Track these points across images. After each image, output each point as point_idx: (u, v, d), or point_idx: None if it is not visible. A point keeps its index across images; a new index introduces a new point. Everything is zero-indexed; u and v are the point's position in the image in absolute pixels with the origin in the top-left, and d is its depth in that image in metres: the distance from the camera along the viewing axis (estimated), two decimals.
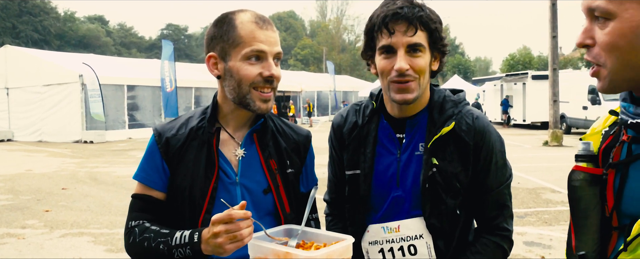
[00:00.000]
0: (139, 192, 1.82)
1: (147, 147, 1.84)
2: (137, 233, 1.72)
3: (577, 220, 1.36)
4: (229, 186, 1.79)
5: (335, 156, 2.06)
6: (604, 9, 1.19)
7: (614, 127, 1.41)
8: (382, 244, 1.91)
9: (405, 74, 1.76)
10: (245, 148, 1.84)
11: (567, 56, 56.32)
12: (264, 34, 1.73)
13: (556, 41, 19.87)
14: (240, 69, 1.72)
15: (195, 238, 1.60)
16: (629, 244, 1.21)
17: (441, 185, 1.82)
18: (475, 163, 1.85)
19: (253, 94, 1.75)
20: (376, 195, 1.92)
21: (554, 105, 20.04)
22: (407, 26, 1.75)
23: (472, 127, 1.85)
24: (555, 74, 19.90)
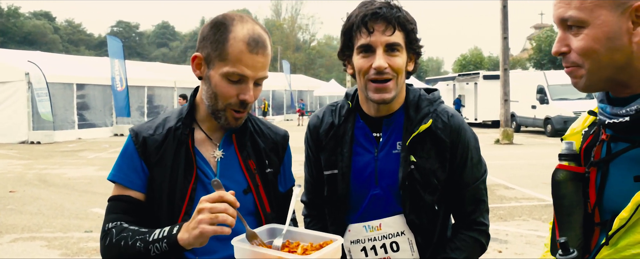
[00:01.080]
0: (117, 194, 1.76)
1: (124, 147, 1.80)
2: (113, 234, 1.66)
3: (561, 217, 1.40)
4: (209, 187, 1.75)
5: (312, 157, 2.07)
6: (576, 18, 1.27)
7: (593, 127, 1.47)
8: (364, 243, 1.93)
9: (383, 72, 1.79)
10: (224, 149, 1.81)
11: (516, 57, 57.95)
12: (252, 59, 1.67)
13: (507, 42, 20.41)
14: (218, 85, 1.69)
15: (174, 230, 1.55)
16: (611, 238, 1.28)
17: (419, 182, 1.86)
18: (452, 160, 1.89)
19: (227, 112, 1.72)
20: (355, 194, 1.94)
21: (505, 105, 20.58)
22: (385, 26, 1.79)
23: (448, 124, 1.89)
24: (506, 74, 20.44)
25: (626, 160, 1.31)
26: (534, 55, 45.59)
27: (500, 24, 20.37)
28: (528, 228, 7.30)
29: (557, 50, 1.35)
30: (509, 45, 20.84)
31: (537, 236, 6.93)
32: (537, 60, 44.57)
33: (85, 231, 7.55)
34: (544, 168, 13.03)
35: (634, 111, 1.27)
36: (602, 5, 1.25)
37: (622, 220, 1.25)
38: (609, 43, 1.25)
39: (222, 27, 1.68)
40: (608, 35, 1.25)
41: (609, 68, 1.28)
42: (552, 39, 43.37)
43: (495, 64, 52.76)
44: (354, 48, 1.86)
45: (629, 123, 1.28)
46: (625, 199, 1.25)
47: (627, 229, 1.25)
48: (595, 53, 1.27)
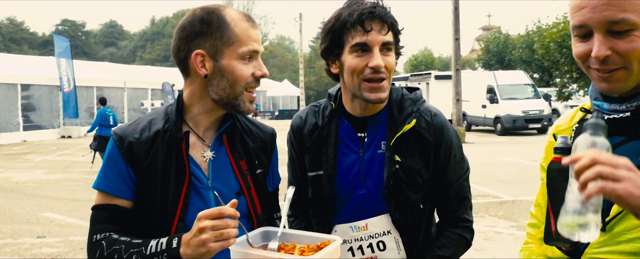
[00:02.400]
0: (102, 202, 1.67)
1: (107, 153, 1.70)
2: (104, 246, 1.57)
3: (556, 207, 1.43)
4: (202, 191, 1.70)
5: (296, 158, 2.06)
6: (630, 21, 1.26)
7: (583, 123, 1.50)
8: (351, 243, 1.93)
9: (379, 71, 1.79)
10: (215, 150, 1.76)
11: (465, 57, 59.25)
12: (255, 32, 1.68)
13: (458, 43, 20.84)
14: (236, 69, 1.65)
15: (173, 243, 1.50)
16: (607, 224, 1.35)
17: (404, 181, 1.87)
18: (435, 158, 1.91)
19: (245, 95, 1.69)
20: (341, 195, 1.93)
21: (457, 104, 21.01)
22: (381, 25, 1.80)
23: (432, 124, 1.91)
24: (458, 74, 20.88)
25: (622, 153, 1.34)
26: (483, 55, 46.65)
27: (452, 25, 20.78)
28: (485, 225, 7.46)
29: (604, 54, 1.30)
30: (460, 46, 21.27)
31: (494, 232, 7.09)
32: (486, 60, 45.64)
33: (38, 237, 7.28)
34: (496, 166, 13.38)
35: (635, 107, 1.33)
36: None
37: (619, 207, 1.32)
38: None
39: (215, 16, 1.65)
40: None
41: None
42: (499, 40, 44.52)
43: (445, 64, 53.82)
44: (344, 47, 1.84)
45: (630, 118, 1.34)
46: None
47: (623, 216, 1.33)
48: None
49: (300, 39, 47.52)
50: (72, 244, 6.96)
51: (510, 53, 41.64)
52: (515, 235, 6.97)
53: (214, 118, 1.76)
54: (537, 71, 36.57)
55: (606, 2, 1.27)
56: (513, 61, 39.85)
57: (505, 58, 43.25)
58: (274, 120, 41.93)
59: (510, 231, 7.19)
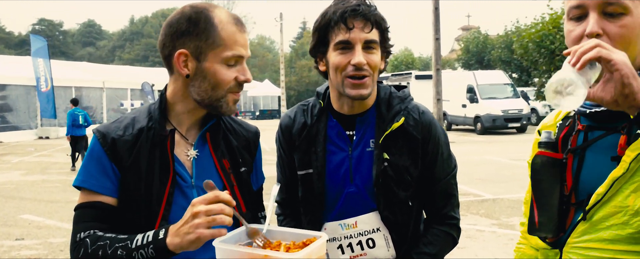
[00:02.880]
0: (86, 200, 1.63)
1: (90, 151, 1.67)
2: (88, 244, 1.53)
3: (540, 199, 1.54)
4: (186, 190, 1.68)
5: (285, 157, 2.06)
6: (622, 4, 1.34)
7: (567, 120, 1.60)
8: (341, 241, 1.94)
9: (362, 69, 1.81)
10: (198, 148, 1.75)
11: (445, 57, 59.72)
12: (243, 37, 1.65)
13: (439, 43, 20.98)
14: (218, 73, 1.62)
15: (160, 234, 1.46)
16: (587, 213, 1.42)
17: (393, 179, 1.88)
18: (423, 156, 1.92)
19: (228, 97, 1.67)
20: (330, 193, 1.94)
21: (437, 104, 21.14)
22: (364, 22, 1.81)
23: (420, 121, 1.92)
24: (438, 74, 21.01)
25: (601, 146, 1.44)
26: (462, 55, 47.00)
27: (432, 25, 20.90)
28: (467, 223, 7.51)
29: (596, 31, 1.36)
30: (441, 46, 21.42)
31: (476, 230, 7.14)
32: (465, 60, 46.00)
33: (16, 239, 7.17)
34: (477, 164, 13.50)
35: None
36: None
37: (598, 195, 1.39)
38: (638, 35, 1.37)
39: (203, 16, 1.62)
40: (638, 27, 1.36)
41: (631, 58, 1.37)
42: (479, 40, 44.91)
43: (425, 64, 54.18)
44: (329, 44, 1.85)
45: (609, 111, 1.40)
46: (601, 180, 1.39)
47: (603, 204, 1.39)
48: (630, 43, 1.36)
49: (281, 38, 47.46)
50: (52, 246, 6.87)
51: (489, 53, 42.01)
52: (497, 233, 7.04)
53: (197, 117, 1.75)
54: (516, 71, 36.93)
55: None
56: (492, 61, 40.21)
57: (484, 58, 43.64)
58: (255, 120, 41.80)
59: (492, 229, 7.25)
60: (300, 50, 72.16)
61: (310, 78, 62.30)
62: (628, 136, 1.38)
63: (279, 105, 47.28)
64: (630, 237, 1.35)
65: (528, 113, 24.74)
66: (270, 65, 75.55)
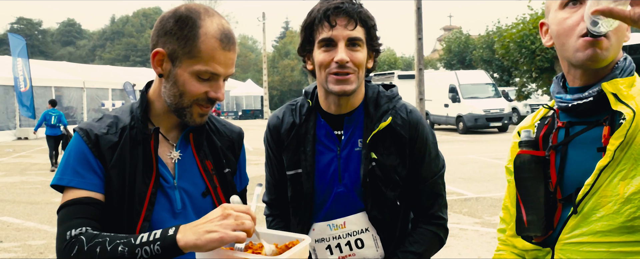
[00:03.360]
0: (74, 197, 1.55)
1: (73, 149, 1.61)
2: (84, 242, 1.44)
3: (526, 197, 1.55)
4: (168, 191, 1.65)
5: (273, 158, 2.04)
6: None
7: (546, 119, 1.62)
8: (329, 241, 1.93)
9: (345, 66, 1.79)
10: (180, 149, 1.71)
11: (427, 57, 60.00)
12: (225, 55, 1.58)
13: (421, 43, 21.03)
14: (187, 83, 1.58)
15: (170, 231, 1.40)
16: (577, 206, 1.43)
17: (381, 179, 1.87)
18: (411, 155, 1.91)
19: (194, 108, 1.62)
20: (320, 193, 1.93)
21: (420, 103, 21.20)
22: (347, 20, 1.79)
23: (407, 120, 1.91)
24: (421, 74, 21.06)
25: (584, 140, 1.47)
26: (444, 55, 47.28)
27: (415, 25, 20.96)
28: (450, 222, 7.44)
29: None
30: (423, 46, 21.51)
31: (459, 229, 7.17)
32: (447, 60, 46.28)
33: None
34: (459, 163, 13.57)
35: (596, 92, 1.44)
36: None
37: (587, 186, 1.40)
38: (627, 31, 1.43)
39: (190, 22, 1.56)
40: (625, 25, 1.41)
41: (617, 51, 1.42)
42: (460, 40, 45.20)
43: (408, 64, 54.39)
44: (315, 42, 1.84)
45: (592, 104, 1.45)
46: (586, 173, 1.41)
47: (592, 195, 1.40)
48: (623, 33, 1.40)
49: (263, 38, 47.34)
50: (31, 248, 6.76)
51: (471, 53, 42.31)
52: (479, 231, 7.08)
53: (176, 118, 1.70)
54: (497, 71, 37.26)
55: None
56: (474, 61, 40.50)
57: (466, 58, 43.94)
58: (238, 120, 41.65)
59: (475, 228, 7.29)
60: (283, 49, 72.06)
61: (293, 78, 62.24)
62: (611, 126, 1.40)
63: (261, 105, 47.14)
64: (622, 226, 1.36)
65: (509, 113, 24.95)
66: (253, 64, 75.36)
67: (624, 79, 1.43)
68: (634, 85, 1.43)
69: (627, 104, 1.38)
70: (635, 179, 1.34)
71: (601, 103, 1.44)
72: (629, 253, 1.36)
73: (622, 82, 1.42)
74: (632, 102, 1.38)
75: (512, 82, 33.97)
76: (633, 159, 1.35)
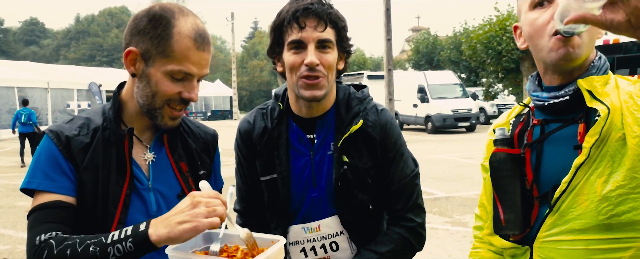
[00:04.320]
0: (44, 201, 1.51)
1: (43, 151, 1.56)
2: (53, 245, 1.40)
3: (502, 195, 1.55)
4: (143, 192, 1.62)
5: (245, 164, 1.98)
6: None
7: (521, 116, 1.63)
8: (304, 244, 1.89)
9: (315, 69, 1.75)
10: (155, 151, 1.68)
11: (396, 58, 60.45)
12: (199, 55, 1.56)
13: (390, 43, 21.19)
14: (160, 83, 1.55)
15: (141, 226, 1.37)
16: (554, 204, 1.43)
17: (353, 182, 1.84)
18: (382, 156, 1.88)
19: (165, 110, 1.59)
20: (295, 198, 1.89)
21: (389, 103, 21.35)
22: (317, 21, 1.75)
23: (378, 121, 1.88)
24: (390, 74, 21.22)
25: (559, 138, 1.48)
26: (413, 56, 47.72)
27: (384, 26, 21.10)
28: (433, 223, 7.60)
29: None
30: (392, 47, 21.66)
31: (430, 228, 7.22)
32: (416, 61, 46.71)
33: None
34: (429, 163, 13.70)
35: (572, 91, 1.45)
36: None
37: (564, 184, 1.41)
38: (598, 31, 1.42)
39: (164, 21, 1.54)
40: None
41: (591, 50, 1.43)
42: (428, 41, 45.68)
43: (377, 65, 54.75)
44: (284, 44, 1.80)
45: (568, 103, 1.46)
46: (562, 171, 1.42)
47: (569, 193, 1.41)
48: (593, 29, 1.38)
49: (232, 38, 47.08)
50: None
51: (439, 54, 42.80)
52: (450, 231, 7.14)
53: (148, 120, 1.67)
54: (465, 71, 37.77)
55: None
56: (442, 61, 40.99)
57: (434, 59, 44.42)
58: (207, 121, 41.25)
59: (445, 227, 7.36)
60: (252, 50, 71.79)
61: (262, 79, 62.02)
62: (586, 124, 1.41)
63: (231, 105, 46.85)
64: (600, 224, 1.36)
65: (477, 113, 25.32)
66: (222, 65, 74.80)
67: (600, 77, 1.45)
68: (609, 82, 1.45)
69: (601, 101, 1.39)
70: (612, 177, 1.35)
71: (577, 101, 1.44)
72: (606, 250, 1.37)
73: (597, 79, 1.43)
74: (607, 99, 1.39)
75: (479, 83, 34.47)
76: (609, 156, 1.36)
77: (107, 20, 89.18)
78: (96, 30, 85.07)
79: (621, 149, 1.35)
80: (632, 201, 1.34)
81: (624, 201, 1.34)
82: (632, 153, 1.33)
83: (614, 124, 1.36)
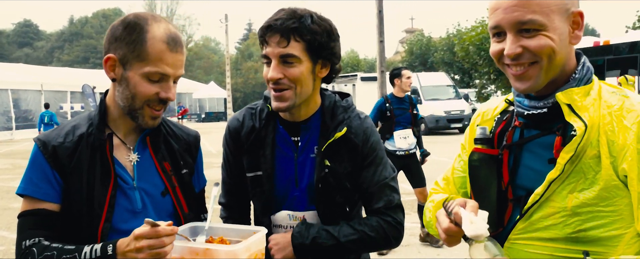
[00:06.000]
0: (29, 208, 1.67)
1: (31, 159, 1.71)
2: (35, 253, 1.57)
3: (478, 194, 1.60)
4: (128, 192, 1.74)
5: (232, 159, 2.09)
6: (537, 22, 1.40)
7: (505, 114, 1.66)
8: (286, 229, 2.00)
9: (279, 82, 1.86)
10: (139, 152, 1.80)
11: (389, 59, 60.64)
12: (173, 57, 1.69)
13: (383, 45, 21.30)
14: (138, 85, 1.67)
15: (108, 250, 1.52)
16: (526, 213, 1.48)
17: (332, 185, 1.95)
18: (362, 160, 1.98)
19: (145, 110, 1.72)
20: (279, 195, 2.01)
21: None
22: (279, 37, 1.84)
23: (360, 127, 2.00)
24: (383, 76, 21.31)
25: (537, 145, 1.52)
26: (406, 57, 47.91)
27: (377, 28, 21.21)
28: (411, 221, 7.69)
29: (513, 52, 1.42)
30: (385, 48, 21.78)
31: (420, 228, 7.33)
32: (409, 62, 46.86)
33: None
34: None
35: (551, 103, 1.47)
36: (554, 11, 1.41)
37: (536, 196, 1.45)
38: (561, 44, 1.43)
39: (138, 27, 1.67)
40: (560, 37, 1.42)
41: (557, 67, 1.45)
42: (422, 43, 45.88)
43: (370, 66, 54.80)
44: None
45: (546, 114, 1.48)
46: (537, 178, 1.46)
47: (541, 204, 1.45)
48: (553, 51, 1.41)
49: (226, 40, 47.08)
50: None
51: (432, 55, 42.97)
52: None
53: (132, 122, 1.78)
54: (458, 72, 37.96)
55: (516, 4, 1.40)
56: (435, 63, 41.16)
57: (427, 60, 44.59)
58: (201, 123, 41.32)
59: None
60: (246, 51, 71.77)
61: (257, 80, 62.01)
62: (563, 137, 1.44)
63: (225, 107, 46.83)
64: (568, 237, 1.42)
65: (469, 114, 25.39)
66: (216, 67, 74.76)
67: (580, 88, 1.46)
68: (590, 94, 1.46)
69: (580, 116, 1.41)
70: (583, 193, 1.39)
71: (556, 112, 1.47)
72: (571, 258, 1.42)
73: (577, 91, 1.45)
74: (586, 114, 1.41)
75: (472, 84, 34.63)
76: (582, 172, 1.40)
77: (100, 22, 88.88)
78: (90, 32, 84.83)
79: (595, 166, 1.39)
80: (600, 219, 1.39)
81: (593, 218, 1.39)
82: (606, 173, 1.37)
83: (589, 141, 1.39)
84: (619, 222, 1.38)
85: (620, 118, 1.39)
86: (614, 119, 1.40)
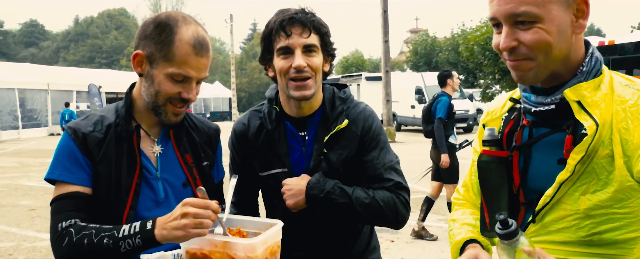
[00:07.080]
0: (64, 192, 1.72)
1: (62, 146, 1.78)
2: (73, 233, 1.63)
3: (489, 198, 1.56)
4: (152, 182, 1.81)
5: (239, 161, 2.17)
6: (531, 13, 1.33)
7: (513, 112, 1.60)
8: None
9: (302, 71, 1.95)
10: (162, 144, 1.88)
11: (394, 59, 60.62)
12: (197, 61, 1.74)
13: (388, 45, 21.37)
14: (162, 84, 1.74)
15: (148, 225, 1.58)
16: (537, 215, 1.44)
17: (324, 170, 2.02)
18: (366, 147, 2.06)
19: (168, 107, 1.79)
20: None
21: (387, 105, 21.54)
22: (302, 28, 1.96)
23: (360, 116, 2.09)
24: (387, 76, 21.40)
25: (547, 144, 1.45)
26: (411, 57, 47.90)
27: (381, 28, 21.28)
28: (415, 219, 7.76)
29: (507, 45, 1.37)
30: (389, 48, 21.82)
31: (425, 226, 7.39)
32: (414, 62, 46.87)
33: None
34: (425, 164, 13.78)
35: (559, 99, 1.41)
36: (552, 1, 1.34)
37: (547, 198, 1.40)
38: (560, 36, 1.35)
39: (167, 28, 1.73)
40: (559, 29, 1.35)
41: (557, 60, 1.38)
42: (427, 43, 45.86)
43: (375, 66, 54.81)
44: (274, 51, 2.00)
45: (554, 111, 1.42)
46: (549, 179, 1.40)
47: (552, 207, 1.41)
48: (549, 46, 1.34)
49: (231, 40, 47.18)
50: (0, 251, 6.73)
51: (437, 55, 42.97)
52: (443, 228, 7.33)
53: (155, 116, 1.85)
54: (462, 72, 37.90)
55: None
56: (440, 63, 41.12)
57: (432, 60, 44.57)
58: None
59: (439, 225, 7.54)
60: (250, 51, 71.83)
61: (262, 80, 62.06)
62: (573, 136, 1.37)
63: (229, 107, 46.93)
64: (582, 240, 1.37)
65: (474, 114, 25.44)
66: (221, 66, 74.83)
67: (589, 82, 1.39)
68: (600, 87, 1.39)
69: (590, 114, 1.34)
70: (596, 195, 1.34)
71: (564, 110, 1.40)
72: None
73: (586, 86, 1.38)
74: (596, 112, 1.34)
75: (477, 84, 34.59)
76: (594, 173, 1.34)
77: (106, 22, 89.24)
78: (95, 32, 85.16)
79: (608, 166, 1.33)
80: (615, 221, 1.33)
81: (607, 220, 1.34)
82: (620, 174, 1.31)
83: (601, 140, 1.32)
84: (635, 224, 1.34)
85: (636, 115, 1.32)
86: (629, 116, 1.32)
